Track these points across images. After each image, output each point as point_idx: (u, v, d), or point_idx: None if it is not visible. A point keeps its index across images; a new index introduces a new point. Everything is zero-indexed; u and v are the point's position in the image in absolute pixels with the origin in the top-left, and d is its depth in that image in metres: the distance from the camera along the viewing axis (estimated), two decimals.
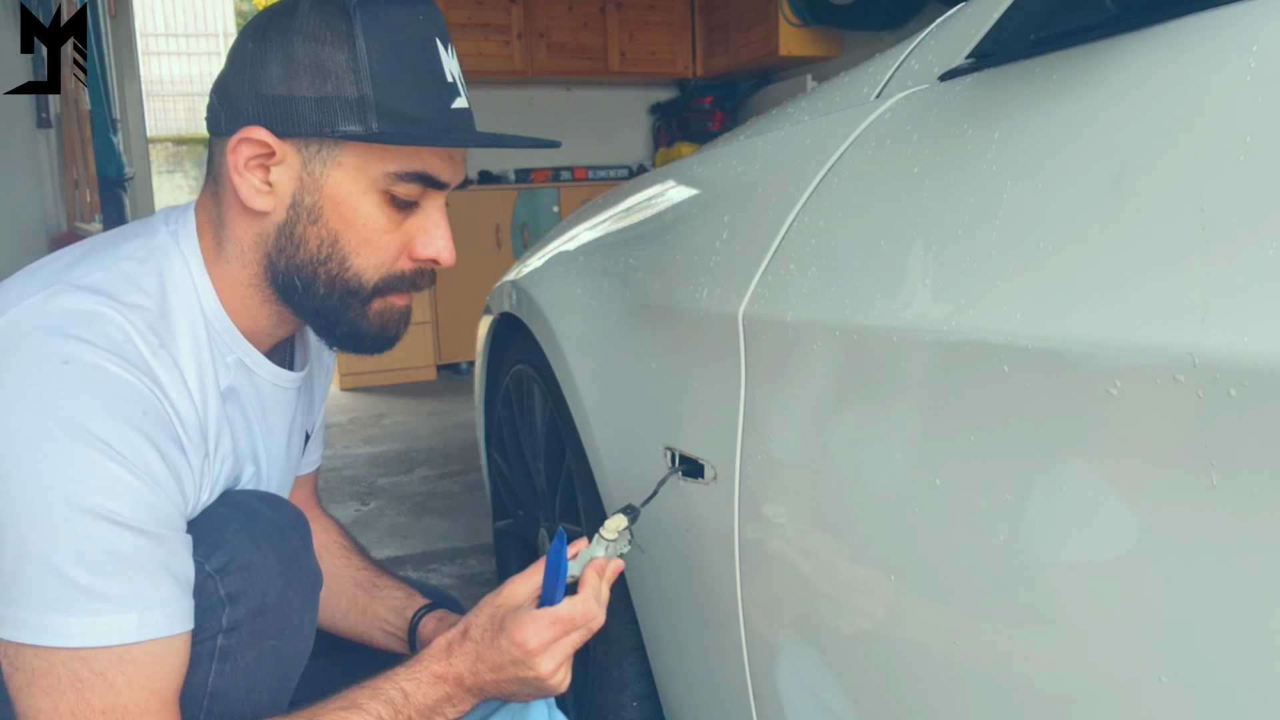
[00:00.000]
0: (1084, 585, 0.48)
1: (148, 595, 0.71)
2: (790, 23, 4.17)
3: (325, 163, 0.79)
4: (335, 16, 0.77)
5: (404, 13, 0.79)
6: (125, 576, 0.70)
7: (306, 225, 0.80)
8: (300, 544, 0.89)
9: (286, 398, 0.94)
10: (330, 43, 0.76)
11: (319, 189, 0.80)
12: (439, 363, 4.86)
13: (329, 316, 0.84)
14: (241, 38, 0.81)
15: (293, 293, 0.83)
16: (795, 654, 0.72)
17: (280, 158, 0.79)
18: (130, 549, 0.70)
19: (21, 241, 3.20)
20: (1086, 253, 0.49)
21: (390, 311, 0.86)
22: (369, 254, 0.82)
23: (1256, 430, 0.39)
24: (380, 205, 0.81)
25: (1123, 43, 0.56)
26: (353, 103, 0.77)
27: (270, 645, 0.84)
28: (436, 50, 0.80)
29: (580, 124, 5.33)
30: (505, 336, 1.51)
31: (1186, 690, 0.43)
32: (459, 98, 0.82)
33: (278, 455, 0.95)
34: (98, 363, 0.71)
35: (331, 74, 0.76)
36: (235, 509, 0.84)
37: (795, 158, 0.84)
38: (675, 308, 0.90)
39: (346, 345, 0.88)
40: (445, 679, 0.83)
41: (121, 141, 4.28)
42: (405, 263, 0.84)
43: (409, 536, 2.43)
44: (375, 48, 0.77)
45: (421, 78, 0.79)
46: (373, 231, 0.81)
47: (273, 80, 0.77)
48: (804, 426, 0.69)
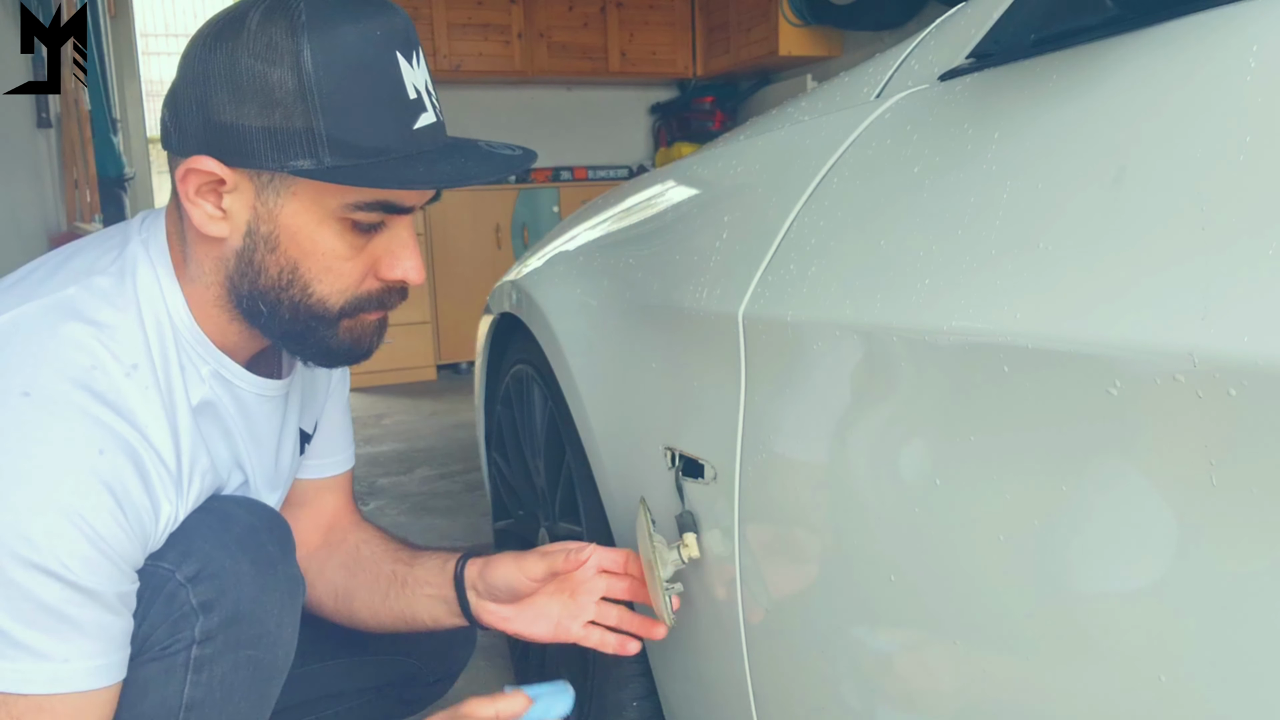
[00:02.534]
0: (1084, 585, 0.48)
1: (70, 649, 0.69)
2: (790, 23, 4.17)
3: (279, 192, 0.75)
4: (282, 34, 0.71)
5: (356, 30, 0.72)
6: (50, 629, 0.68)
7: (265, 253, 0.77)
8: (277, 548, 0.86)
9: (272, 405, 0.92)
10: (277, 64, 0.71)
11: (274, 219, 0.76)
12: (439, 363, 4.86)
13: (297, 339, 0.82)
14: (191, 47, 0.76)
15: (258, 316, 0.80)
16: (795, 654, 0.72)
17: (232, 186, 0.75)
18: (61, 603, 0.68)
19: (21, 241, 3.20)
20: (1086, 253, 0.49)
21: (361, 328, 0.83)
22: (331, 280, 0.79)
23: (1256, 430, 0.39)
24: (340, 234, 0.77)
25: (1123, 43, 0.56)
26: (302, 134, 0.72)
27: (246, 655, 0.82)
28: (396, 66, 0.74)
29: (580, 124, 5.32)
30: (505, 336, 1.51)
31: (1187, 690, 0.43)
32: (425, 113, 0.76)
33: (266, 463, 0.93)
34: (59, 397, 0.69)
35: (279, 103, 0.71)
36: (208, 514, 0.82)
37: (795, 158, 0.84)
38: (675, 308, 0.89)
39: (320, 363, 0.86)
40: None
41: (121, 141, 4.29)
42: (372, 283, 0.81)
43: (409, 536, 2.41)
44: (325, 73, 0.71)
45: (379, 101, 0.73)
46: (333, 260, 0.78)
47: (220, 105, 0.72)
48: (804, 426, 0.69)
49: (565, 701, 0.90)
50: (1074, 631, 0.48)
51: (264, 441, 0.92)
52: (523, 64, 4.86)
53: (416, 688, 1.15)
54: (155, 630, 0.77)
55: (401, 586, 1.00)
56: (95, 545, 0.70)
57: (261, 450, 0.92)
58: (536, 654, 1.37)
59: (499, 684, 1.61)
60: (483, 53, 4.76)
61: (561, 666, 1.26)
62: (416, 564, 1.01)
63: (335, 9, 0.73)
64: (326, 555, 1.07)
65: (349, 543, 1.07)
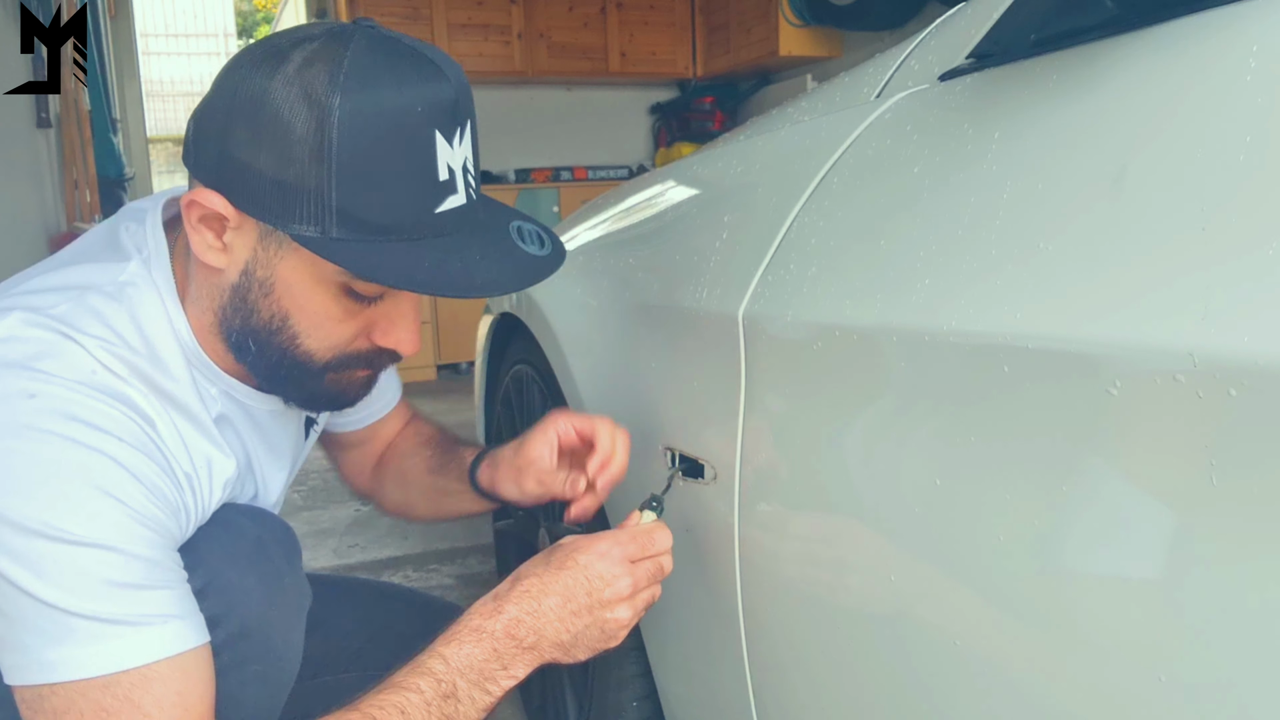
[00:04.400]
0: (1084, 585, 0.48)
1: (151, 611, 0.68)
2: (790, 23, 4.17)
3: (280, 244, 0.72)
4: (319, 83, 0.67)
5: (397, 97, 0.68)
6: (126, 599, 0.67)
7: (259, 296, 0.74)
8: (284, 560, 0.85)
9: (285, 418, 0.91)
10: (305, 116, 0.67)
11: (271, 266, 0.73)
12: (439, 363, 4.86)
13: (280, 382, 0.80)
14: (231, 65, 0.72)
15: (245, 353, 0.78)
16: (795, 653, 0.72)
17: (236, 224, 0.72)
18: (120, 572, 0.67)
19: (21, 242, 3.20)
20: (1086, 253, 0.49)
21: (348, 381, 0.81)
22: (321, 337, 0.76)
23: (1256, 430, 0.39)
24: (337, 297, 0.74)
25: (1123, 43, 0.56)
26: (312, 197, 0.68)
27: (254, 669, 0.80)
28: (431, 143, 0.69)
29: (580, 124, 5.32)
30: (505, 336, 1.51)
31: (1187, 690, 0.43)
32: (453, 195, 0.71)
33: (278, 476, 0.93)
34: (65, 394, 0.68)
35: (296, 159, 0.67)
36: (215, 525, 0.81)
37: (795, 158, 0.84)
38: (675, 308, 0.89)
39: (302, 406, 0.85)
40: (488, 632, 0.74)
41: (121, 141, 4.29)
42: (363, 343, 0.78)
43: (408, 536, 2.42)
44: (349, 138, 0.67)
45: (401, 178, 0.69)
46: (324, 320, 0.75)
47: (239, 141, 0.69)
48: (804, 426, 0.69)
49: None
50: (1074, 631, 0.48)
51: (282, 450, 0.92)
52: (523, 64, 4.86)
53: None
54: None
55: (444, 495, 1.05)
56: (130, 516, 0.68)
57: (278, 459, 0.92)
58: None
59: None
60: (483, 53, 4.76)
61: (562, 669, 1.26)
62: (448, 467, 1.05)
63: (383, 69, 0.68)
64: (383, 476, 1.12)
65: (394, 462, 1.11)
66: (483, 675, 0.74)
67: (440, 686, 0.71)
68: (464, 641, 0.74)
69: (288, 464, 0.95)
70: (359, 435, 1.10)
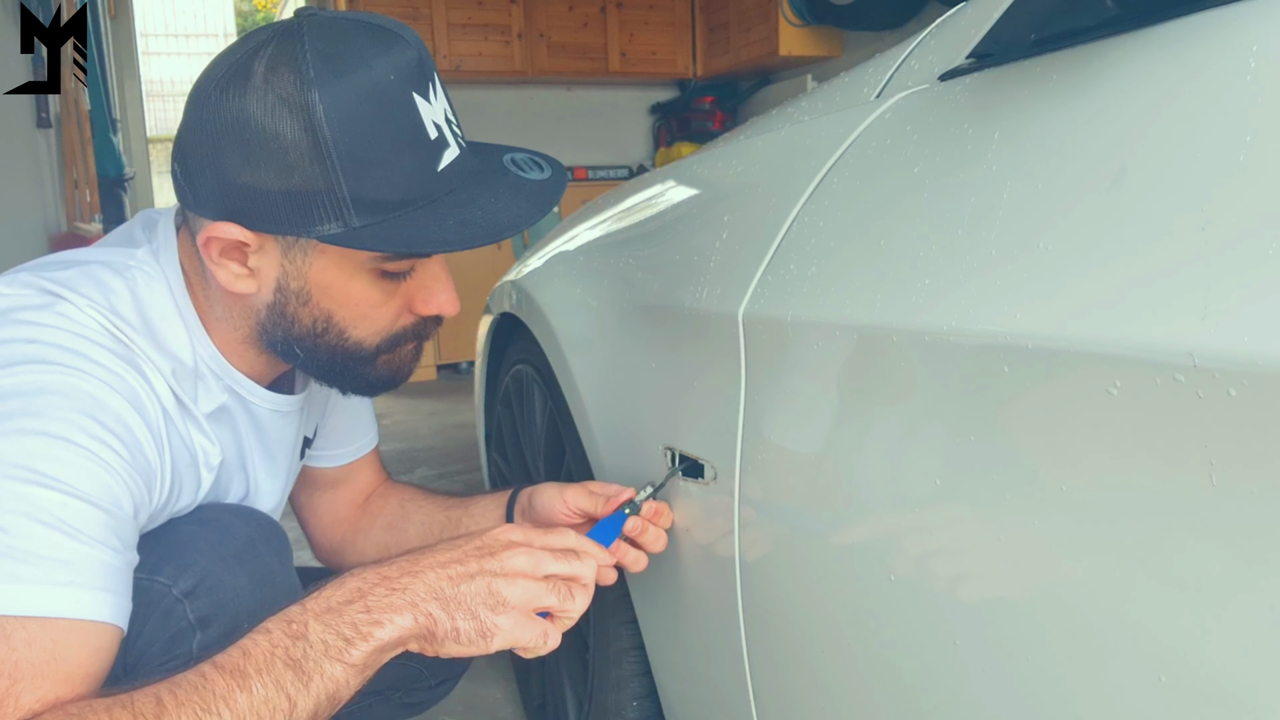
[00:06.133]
0: (1083, 585, 0.48)
1: (66, 571, 0.63)
2: (790, 23, 4.17)
3: (306, 251, 0.73)
4: (291, 89, 0.67)
5: (369, 76, 0.69)
6: (46, 541, 0.62)
7: (297, 306, 0.76)
8: (274, 559, 0.85)
9: (286, 420, 0.91)
10: (290, 123, 0.67)
11: (303, 275, 0.75)
12: (439, 363, 4.86)
13: (336, 376, 0.82)
14: (197, 95, 0.72)
15: (294, 357, 0.80)
16: (795, 654, 0.72)
17: (257, 247, 0.73)
18: (58, 511, 0.63)
19: (21, 241, 3.20)
20: (1086, 253, 0.49)
21: (399, 359, 0.84)
22: (367, 325, 0.79)
23: (1256, 430, 0.39)
24: (372, 283, 0.76)
25: (1123, 43, 0.56)
26: (324, 196, 0.69)
27: None
28: (414, 108, 0.71)
29: (580, 124, 5.33)
30: (505, 336, 1.51)
31: (1186, 690, 0.43)
32: (447, 149, 0.73)
33: (275, 475, 0.93)
34: (59, 341, 0.68)
35: (296, 166, 0.68)
36: (204, 526, 0.81)
37: (795, 158, 0.84)
38: (675, 308, 0.90)
39: (360, 393, 0.86)
40: (358, 576, 0.70)
41: (121, 141, 4.29)
42: (407, 318, 0.81)
43: None
44: (341, 130, 0.68)
45: (400, 150, 0.70)
46: (367, 308, 0.78)
47: (235, 167, 0.69)
48: (804, 426, 0.69)
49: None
50: (1073, 631, 0.48)
51: (276, 454, 0.92)
52: (523, 64, 4.86)
53: (419, 691, 1.15)
54: (151, 646, 0.75)
55: (456, 527, 1.01)
56: (89, 459, 0.66)
57: (273, 463, 0.92)
58: (537, 660, 1.37)
59: (501, 686, 1.61)
60: (483, 53, 4.77)
61: (562, 668, 1.26)
62: (472, 506, 1.03)
63: (344, 53, 0.69)
64: (369, 522, 1.09)
65: (391, 503, 1.10)
66: (340, 618, 0.68)
67: (290, 628, 0.67)
68: (329, 586, 0.70)
69: (282, 472, 0.94)
70: (337, 473, 1.09)
